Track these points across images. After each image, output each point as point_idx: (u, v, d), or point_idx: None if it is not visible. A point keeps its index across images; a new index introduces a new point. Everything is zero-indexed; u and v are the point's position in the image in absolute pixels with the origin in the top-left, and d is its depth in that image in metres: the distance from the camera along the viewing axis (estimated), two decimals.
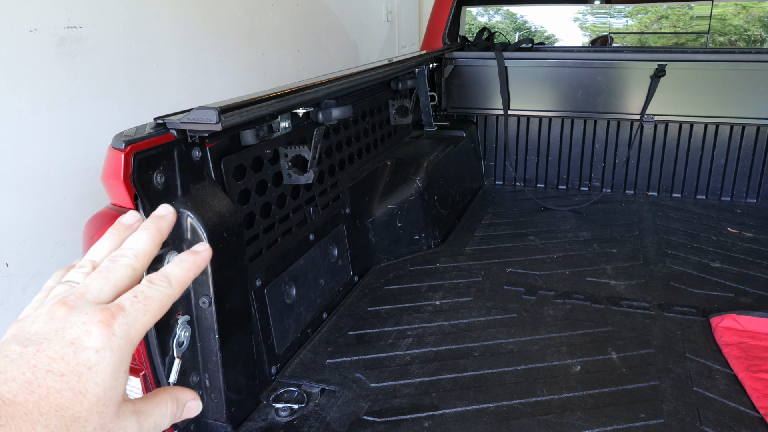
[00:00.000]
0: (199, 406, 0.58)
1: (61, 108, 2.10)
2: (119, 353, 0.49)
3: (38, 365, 0.45)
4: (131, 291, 0.53)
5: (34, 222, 2.03)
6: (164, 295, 0.54)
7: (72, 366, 0.46)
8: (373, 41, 5.11)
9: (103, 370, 0.47)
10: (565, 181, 3.00)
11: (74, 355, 0.47)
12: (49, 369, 0.45)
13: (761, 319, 1.68)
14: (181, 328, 1.21)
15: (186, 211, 1.21)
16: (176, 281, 0.56)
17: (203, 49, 2.87)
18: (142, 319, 0.51)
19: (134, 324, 0.51)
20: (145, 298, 0.52)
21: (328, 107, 1.69)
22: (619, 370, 1.52)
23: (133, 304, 0.51)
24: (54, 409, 0.44)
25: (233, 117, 1.24)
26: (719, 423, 1.33)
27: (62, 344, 0.47)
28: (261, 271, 1.49)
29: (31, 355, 0.46)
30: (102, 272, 0.54)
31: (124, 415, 0.49)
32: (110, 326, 0.49)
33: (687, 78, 2.61)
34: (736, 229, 2.43)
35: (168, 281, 0.55)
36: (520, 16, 3.53)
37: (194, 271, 0.58)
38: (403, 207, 2.22)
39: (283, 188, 1.63)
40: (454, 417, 1.36)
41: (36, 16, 1.99)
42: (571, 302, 1.87)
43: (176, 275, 0.56)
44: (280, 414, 1.38)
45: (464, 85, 2.92)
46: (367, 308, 1.85)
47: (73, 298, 0.50)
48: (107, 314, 0.49)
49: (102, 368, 0.47)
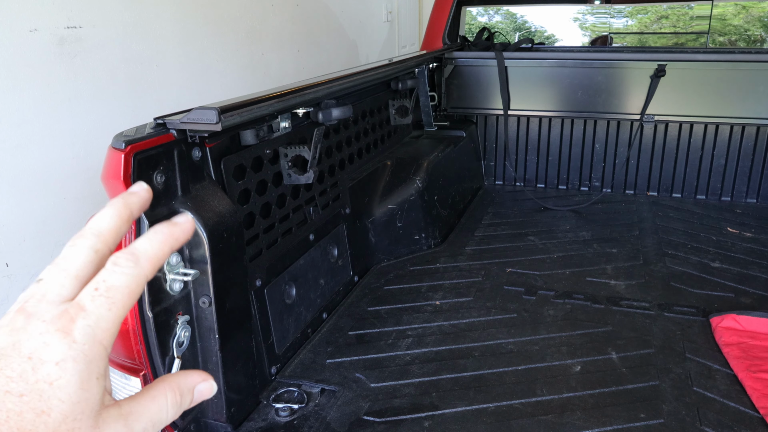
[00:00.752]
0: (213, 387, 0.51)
1: (61, 108, 2.10)
2: (84, 361, 0.43)
3: None
4: (92, 282, 0.45)
5: (34, 222, 2.03)
6: (131, 278, 0.45)
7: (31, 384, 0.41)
8: (373, 41, 5.11)
9: (66, 384, 0.42)
10: (565, 181, 3.00)
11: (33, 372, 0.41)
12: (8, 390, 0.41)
13: (761, 319, 1.68)
14: (181, 328, 1.21)
15: (186, 211, 1.21)
16: (146, 258, 0.47)
17: (203, 49, 2.87)
18: (107, 316, 0.44)
19: (99, 324, 0.44)
20: (108, 288, 0.44)
21: (328, 107, 1.69)
22: (619, 370, 1.52)
23: (95, 300, 0.44)
24: None
25: (233, 117, 1.25)
26: (719, 423, 1.33)
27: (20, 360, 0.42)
28: (261, 271, 1.49)
29: None
30: (60, 263, 0.45)
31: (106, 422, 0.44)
32: (69, 333, 0.43)
33: (687, 78, 2.61)
34: (736, 229, 2.43)
35: (135, 260, 0.46)
36: (520, 16, 3.53)
37: (170, 245, 0.49)
38: (403, 207, 2.22)
39: (283, 188, 1.63)
40: (454, 417, 1.36)
41: (36, 16, 1.99)
42: (571, 302, 1.87)
43: (146, 251, 0.47)
44: (280, 414, 1.38)
45: (464, 85, 2.92)
46: (367, 308, 1.85)
47: (32, 302, 0.44)
48: (65, 319, 0.43)
49: (65, 382, 0.42)
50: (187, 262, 1.23)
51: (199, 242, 1.22)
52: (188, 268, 1.22)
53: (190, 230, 0.51)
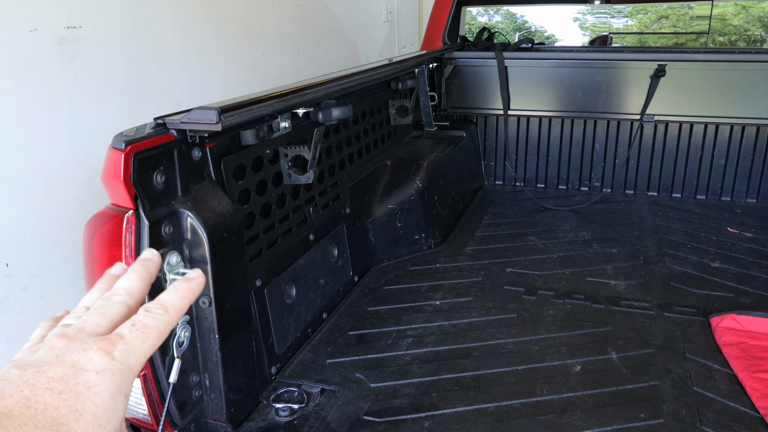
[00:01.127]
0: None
1: (61, 108, 2.10)
2: (119, 377, 0.50)
3: (37, 384, 0.46)
4: (129, 321, 0.55)
5: (34, 222, 2.03)
6: (162, 322, 0.56)
7: (71, 385, 0.47)
8: (373, 41, 5.11)
9: (102, 391, 0.48)
10: (565, 181, 3.00)
11: (74, 377, 0.48)
12: (48, 387, 0.46)
13: (761, 319, 1.68)
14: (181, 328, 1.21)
15: (186, 211, 1.21)
16: (172, 308, 0.58)
17: (203, 49, 2.87)
18: (141, 347, 0.53)
19: (134, 351, 0.52)
20: (143, 326, 0.54)
21: (328, 107, 1.69)
22: (619, 370, 1.52)
23: (132, 332, 0.53)
24: (49, 423, 0.45)
25: (233, 117, 1.24)
26: (719, 423, 1.33)
27: (62, 367, 0.48)
28: (261, 271, 1.49)
29: (29, 376, 0.47)
30: (98, 309, 0.56)
31: None
32: (110, 352, 0.50)
33: (687, 78, 2.61)
34: (736, 229, 2.43)
35: (164, 309, 0.57)
36: (520, 16, 3.53)
37: (189, 298, 0.61)
38: (403, 207, 2.22)
39: (283, 188, 1.63)
40: (454, 417, 1.36)
41: (36, 16, 1.99)
42: (571, 302, 1.87)
43: (172, 302, 0.59)
44: (280, 414, 1.38)
45: (464, 85, 2.92)
46: (367, 308, 1.85)
47: (72, 331, 0.52)
48: (107, 342, 0.51)
49: (101, 389, 0.48)
50: (187, 262, 1.23)
51: (199, 242, 1.22)
52: (188, 268, 1.22)
53: (203, 284, 0.63)
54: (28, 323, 2.02)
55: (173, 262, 1.19)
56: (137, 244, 1.12)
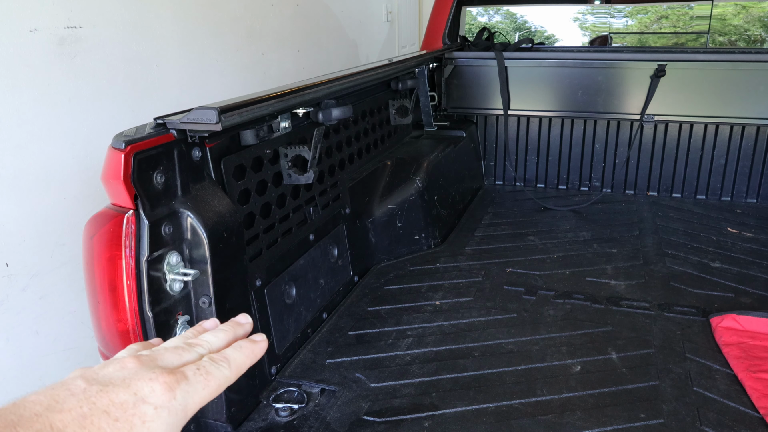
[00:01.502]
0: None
1: (61, 108, 2.10)
2: (175, 417, 0.51)
3: (97, 403, 0.47)
4: (194, 364, 0.56)
5: (34, 222, 2.03)
6: (223, 375, 0.57)
7: (128, 415, 0.48)
8: (373, 41, 5.10)
9: (156, 428, 0.49)
10: (565, 181, 3.00)
11: (133, 406, 0.48)
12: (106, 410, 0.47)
13: (761, 319, 1.68)
14: (181, 328, 1.21)
15: (186, 211, 1.21)
16: (235, 365, 0.60)
17: (203, 49, 2.87)
18: (201, 392, 0.54)
19: (193, 394, 0.53)
20: (207, 373, 0.56)
21: (328, 107, 1.69)
22: (619, 370, 1.52)
23: (196, 376, 0.54)
24: None
25: (233, 117, 1.24)
26: (719, 423, 1.32)
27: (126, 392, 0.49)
28: (261, 271, 1.49)
29: (93, 393, 0.47)
30: (177, 350, 0.58)
31: None
32: (173, 390, 0.51)
33: (687, 78, 2.61)
34: (736, 229, 2.43)
35: (228, 363, 0.59)
36: (520, 16, 3.53)
37: (251, 359, 0.62)
38: (403, 207, 2.22)
39: (283, 188, 1.63)
40: (454, 417, 1.36)
41: (36, 16, 1.99)
42: (571, 302, 1.87)
43: (236, 360, 0.60)
44: (280, 414, 1.38)
45: (464, 85, 2.92)
46: (367, 308, 1.85)
47: (145, 358, 0.54)
48: (172, 378, 0.52)
49: (156, 426, 0.49)
50: (187, 262, 1.23)
51: (199, 242, 1.22)
52: (188, 268, 1.22)
53: (265, 349, 0.65)
54: (28, 323, 2.02)
55: (173, 261, 1.19)
56: (137, 244, 1.12)
